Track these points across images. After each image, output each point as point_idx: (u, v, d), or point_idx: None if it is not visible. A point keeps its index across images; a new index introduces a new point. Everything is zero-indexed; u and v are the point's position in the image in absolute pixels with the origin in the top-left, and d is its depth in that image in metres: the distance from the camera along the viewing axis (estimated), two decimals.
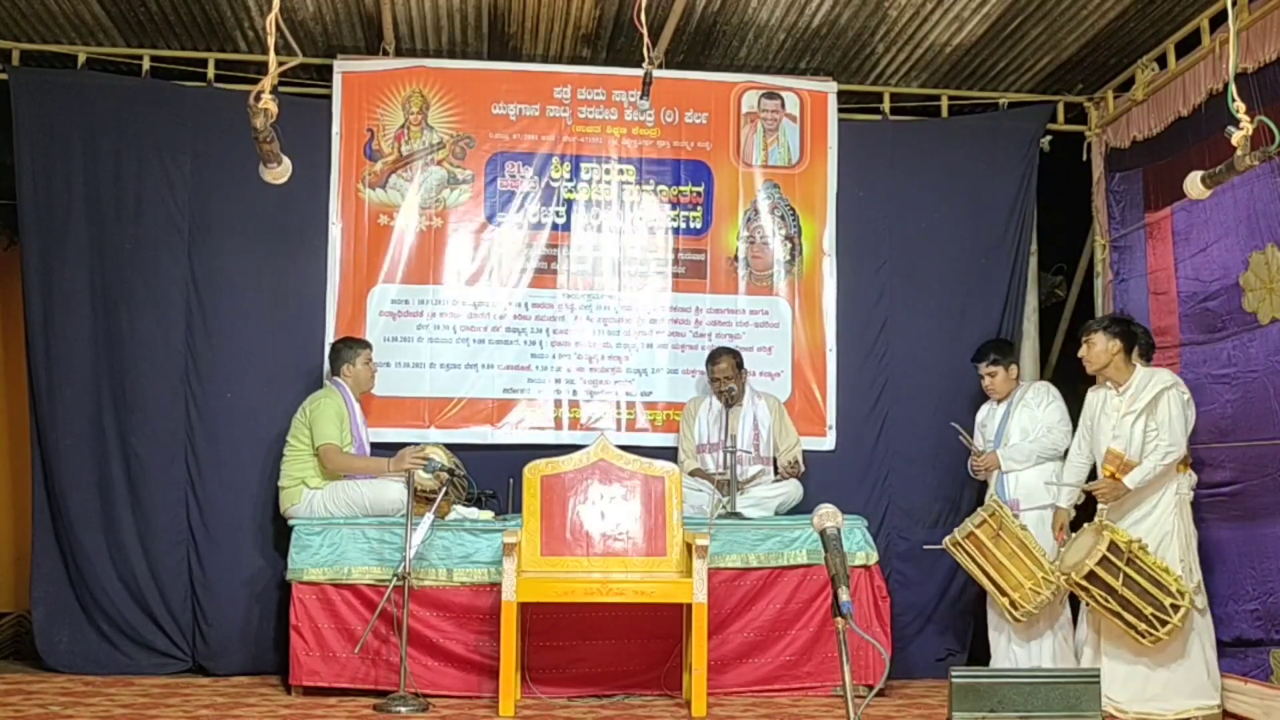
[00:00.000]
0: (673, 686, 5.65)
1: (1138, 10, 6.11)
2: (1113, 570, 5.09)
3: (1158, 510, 5.37)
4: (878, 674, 5.59)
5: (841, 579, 3.10)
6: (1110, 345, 5.50)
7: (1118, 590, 5.08)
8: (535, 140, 6.75)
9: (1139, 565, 5.10)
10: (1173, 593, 5.06)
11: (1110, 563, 5.10)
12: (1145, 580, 5.08)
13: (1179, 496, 5.40)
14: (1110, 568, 5.10)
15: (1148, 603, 5.06)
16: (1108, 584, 5.09)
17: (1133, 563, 5.09)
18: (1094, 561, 5.10)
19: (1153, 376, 5.46)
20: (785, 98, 6.91)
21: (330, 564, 5.63)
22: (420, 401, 6.57)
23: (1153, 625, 5.06)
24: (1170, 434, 5.29)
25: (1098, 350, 5.53)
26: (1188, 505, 5.44)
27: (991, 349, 6.28)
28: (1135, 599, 5.07)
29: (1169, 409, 5.31)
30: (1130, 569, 5.08)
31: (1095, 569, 5.10)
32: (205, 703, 5.43)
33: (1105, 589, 5.11)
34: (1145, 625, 5.07)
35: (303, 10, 6.21)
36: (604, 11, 6.28)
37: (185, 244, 6.45)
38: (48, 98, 6.44)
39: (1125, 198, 6.89)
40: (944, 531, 6.72)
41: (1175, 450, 5.30)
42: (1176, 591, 5.06)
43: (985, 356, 6.24)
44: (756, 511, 6.04)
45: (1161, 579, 5.08)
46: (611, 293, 6.77)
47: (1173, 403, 5.32)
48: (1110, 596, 5.10)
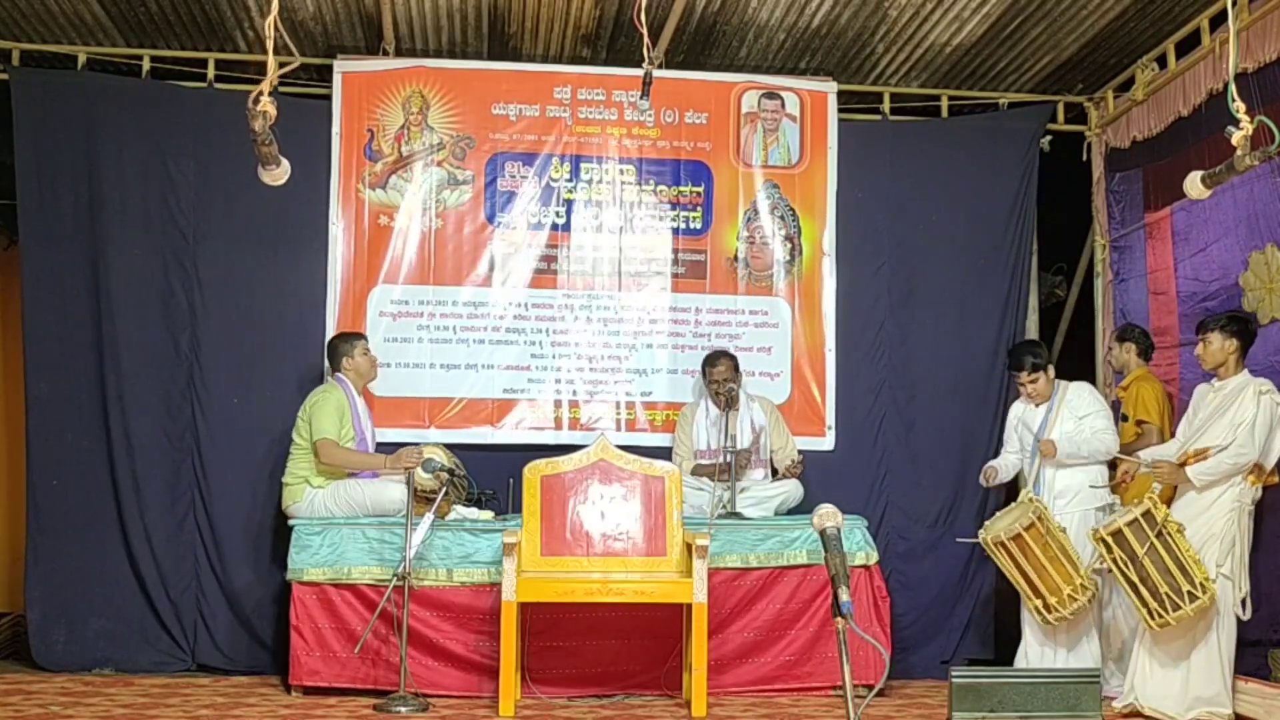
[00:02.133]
0: (673, 686, 5.65)
1: (1138, 10, 6.11)
2: (1141, 536, 5.04)
3: (1211, 511, 5.21)
4: (878, 674, 5.58)
5: (841, 579, 3.10)
6: (1227, 345, 5.31)
7: (1139, 558, 5.02)
8: (535, 140, 6.75)
9: (1169, 543, 5.03)
10: (1195, 584, 4.98)
11: (1140, 528, 5.05)
12: (1170, 559, 5.00)
13: (1238, 505, 5.20)
14: (1139, 533, 5.04)
15: (1166, 582, 4.99)
16: (1132, 548, 5.04)
17: (1163, 537, 5.02)
18: (1124, 521, 5.07)
19: (1251, 381, 5.27)
20: (785, 98, 6.91)
21: (330, 564, 5.63)
22: (420, 401, 6.57)
23: (1164, 606, 4.99)
24: (1247, 437, 5.13)
25: (1214, 349, 5.34)
26: (1245, 516, 5.23)
27: (1028, 355, 5.98)
28: (1155, 573, 5.00)
29: (1255, 413, 5.15)
30: (1159, 542, 5.02)
31: (1124, 528, 5.06)
32: (205, 703, 5.42)
33: (1128, 553, 5.06)
34: (1156, 604, 5.01)
35: (303, 10, 6.21)
36: (604, 11, 6.28)
37: (185, 244, 6.45)
38: (48, 98, 6.44)
39: (1125, 198, 6.89)
40: (944, 531, 6.75)
41: (1246, 454, 5.13)
42: (1200, 584, 4.99)
43: (1024, 365, 5.95)
44: (756, 511, 6.04)
45: (1189, 566, 5.00)
46: (611, 293, 6.77)
47: (1261, 408, 5.17)
48: (1131, 563, 5.04)
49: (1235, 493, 5.21)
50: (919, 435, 6.83)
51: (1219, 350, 5.33)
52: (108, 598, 6.20)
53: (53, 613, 6.17)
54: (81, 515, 6.25)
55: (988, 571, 6.73)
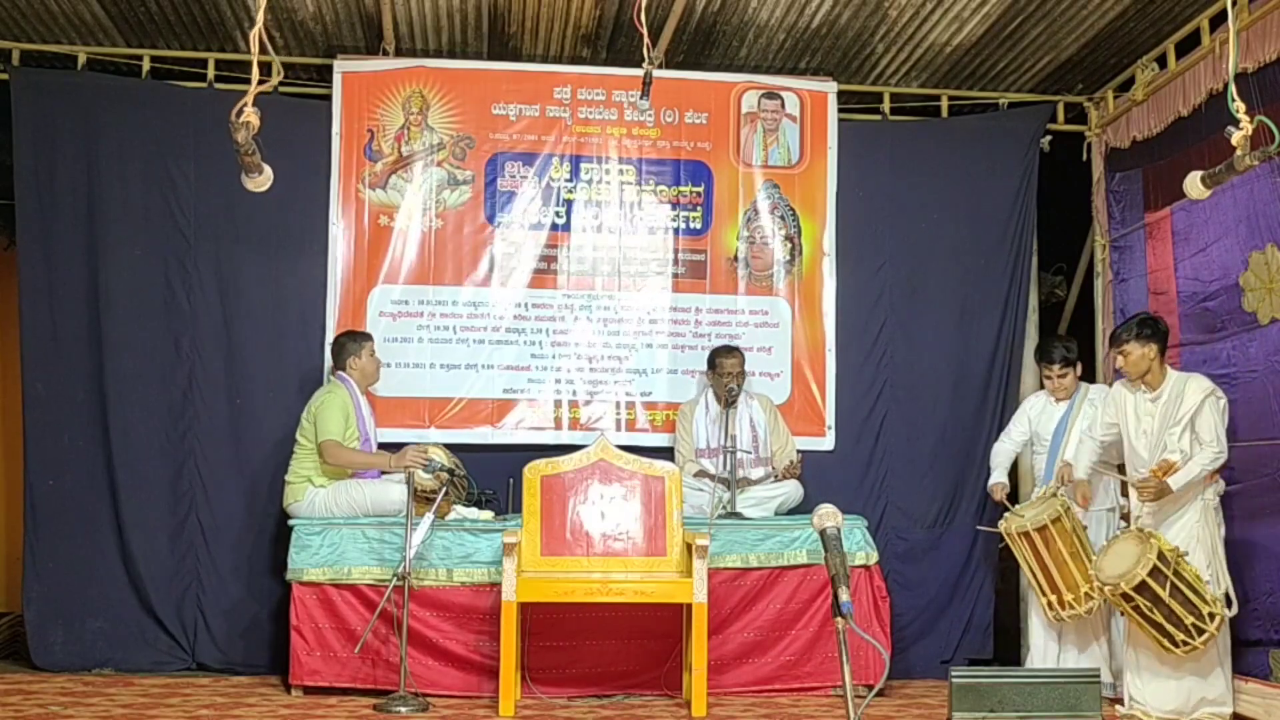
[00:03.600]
0: (673, 686, 5.65)
1: (1138, 10, 6.11)
2: (1161, 580, 4.92)
3: (1187, 516, 5.23)
4: (878, 674, 5.58)
5: (841, 579, 3.10)
6: (1147, 351, 5.32)
7: (1164, 600, 4.91)
8: (535, 140, 6.75)
9: (1181, 574, 4.96)
10: (1208, 601, 4.96)
11: (1160, 572, 4.93)
12: (1188, 589, 4.94)
13: (1204, 502, 5.26)
14: (1159, 577, 4.93)
15: (1190, 611, 4.92)
16: (1155, 594, 4.92)
17: (1177, 572, 4.94)
18: (1145, 571, 4.92)
19: (1187, 382, 5.30)
20: (785, 98, 6.91)
21: (330, 564, 5.63)
22: (420, 401, 6.57)
23: (1190, 635, 4.93)
24: (1217, 440, 5.14)
25: (1134, 359, 5.34)
26: (1213, 511, 5.30)
27: (1060, 348, 5.97)
28: (1179, 608, 4.92)
29: (1211, 416, 5.17)
30: (1176, 578, 4.93)
31: (1147, 579, 4.92)
32: (205, 703, 5.43)
33: (1152, 599, 4.93)
34: (1183, 635, 4.94)
35: (303, 10, 6.21)
36: (604, 11, 6.28)
37: (185, 244, 6.45)
38: (48, 98, 6.44)
39: (1125, 198, 6.89)
40: (944, 531, 6.76)
41: (1222, 455, 5.16)
42: (1213, 600, 4.97)
43: (1055, 359, 5.93)
44: (756, 511, 6.04)
45: (1199, 588, 4.96)
46: (611, 293, 6.77)
47: (1218, 411, 5.21)
48: (1156, 607, 4.93)
49: (1202, 493, 5.25)
50: (919, 435, 6.83)
51: (1140, 359, 5.34)
52: (106, 598, 6.20)
53: (51, 613, 6.17)
54: (79, 515, 6.25)
55: (988, 571, 6.74)
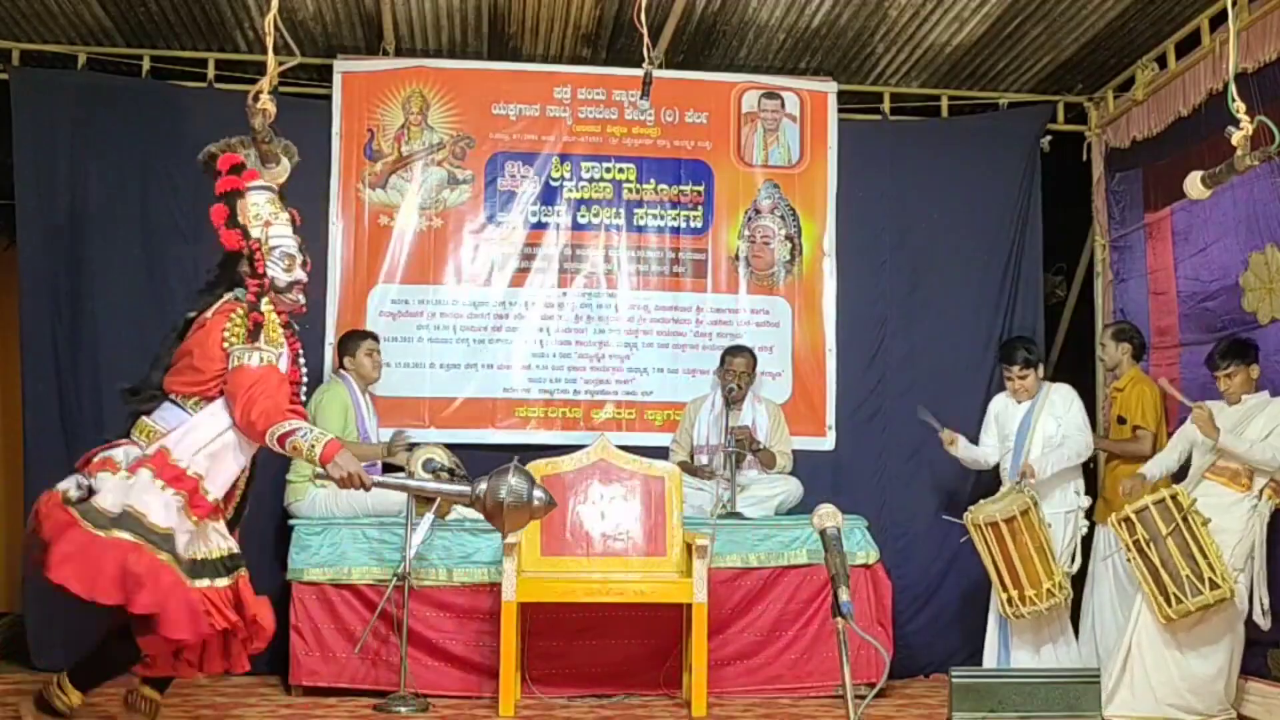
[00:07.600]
0: (673, 686, 5.64)
1: (1138, 10, 6.11)
2: (1167, 517, 5.05)
3: (1231, 511, 5.19)
4: (878, 674, 5.57)
5: (841, 579, 3.11)
6: (1250, 372, 5.35)
7: (1163, 538, 5.02)
8: (535, 140, 6.75)
9: (1193, 529, 5.03)
10: (1218, 574, 4.98)
11: (1167, 509, 5.06)
12: (1194, 545, 5.01)
13: (1254, 510, 5.19)
14: (1165, 514, 5.06)
15: (1188, 565, 4.98)
16: (1157, 527, 5.05)
17: (1188, 523, 5.03)
18: (1153, 500, 5.08)
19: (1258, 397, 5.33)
20: (785, 98, 6.91)
21: (330, 564, 5.63)
22: (420, 401, 6.57)
23: (1184, 592, 4.97)
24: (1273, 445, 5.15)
25: (1238, 380, 5.34)
26: (1262, 523, 5.20)
27: (1022, 350, 6.02)
28: (1177, 555, 4.99)
29: None
30: (1184, 526, 5.03)
31: (1151, 506, 5.07)
32: (205, 703, 5.42)
33: (1152, 533, 5.05)
34: (1176, 588, 4.98)
35: (303, 10, 6.21)
36: (604, 11, 6.28)
37: (185, 244, 6.43)
38: (48, 98, 6.43)
39: (1125, 198, 6.89)
40: (944, 531, 6.74)
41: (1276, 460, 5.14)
42: (1221, 575, 4.98)
43: (1016, 360, 5.99)
44: (756, 511, 6.04)
45: (1211, 557, 4.99)
46: (612, 292, 6.77)
47: None
48: (1153, 544, 5.04)
49: (1252, 501, 5.20)
50: (919, 435, 6.82)
51: (1244, 380, 5.37)
52: None
53: (51, 613, 6.14)
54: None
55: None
